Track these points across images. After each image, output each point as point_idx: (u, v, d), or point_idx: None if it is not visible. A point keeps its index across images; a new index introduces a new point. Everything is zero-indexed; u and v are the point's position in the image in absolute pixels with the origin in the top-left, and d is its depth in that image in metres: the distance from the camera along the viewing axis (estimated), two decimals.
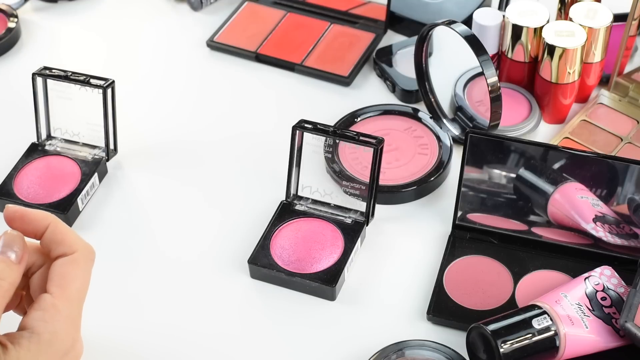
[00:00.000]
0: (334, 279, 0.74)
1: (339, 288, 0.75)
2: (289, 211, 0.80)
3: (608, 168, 0.74)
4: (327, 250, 0.76)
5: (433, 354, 0.68)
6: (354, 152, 0.86)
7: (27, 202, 0.81)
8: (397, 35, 1.03)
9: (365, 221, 0.78)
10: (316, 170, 0.84)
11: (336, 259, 0.76)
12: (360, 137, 0.77)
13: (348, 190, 0.82)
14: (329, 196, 0.81)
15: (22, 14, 1.07)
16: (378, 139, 0.76)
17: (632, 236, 0.75)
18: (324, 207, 0.80)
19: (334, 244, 0.77)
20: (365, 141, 0.76)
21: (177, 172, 0.87)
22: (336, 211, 0.80)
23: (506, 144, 0.75)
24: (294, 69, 0.98)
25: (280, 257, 0.76)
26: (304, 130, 0.78)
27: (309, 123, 0.78)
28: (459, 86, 0.89)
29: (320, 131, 0.78)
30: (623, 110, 0.90)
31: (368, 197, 0.78)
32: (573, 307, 0.68)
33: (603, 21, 0.87)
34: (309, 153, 0.79)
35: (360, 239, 0.78)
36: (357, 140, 0.77)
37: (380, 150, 0.76)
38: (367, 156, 0.86)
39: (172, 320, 0.73)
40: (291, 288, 0.75)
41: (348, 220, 0.79)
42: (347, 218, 0.79)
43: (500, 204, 0.78)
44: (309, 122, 0.78)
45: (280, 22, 1.04)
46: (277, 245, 0.77)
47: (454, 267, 0.76)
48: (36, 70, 0.84)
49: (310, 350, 0.71)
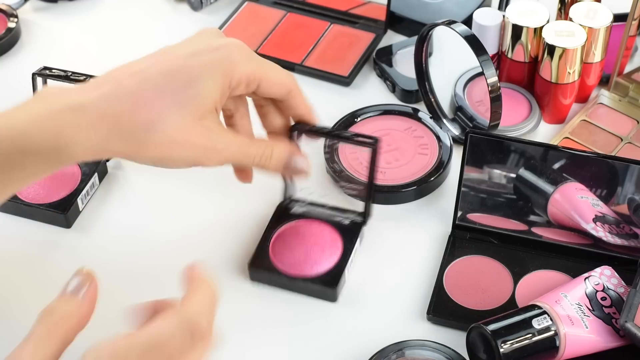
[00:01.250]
0: (335, 281, 0.74)
1: (340, 289, 0.75)
2: (286, 214, 0.80)
3: (608, 168, 0.74)
4: (327, 252, 0.76)
5: (433, 354, 0.68)
6: (354, 152, 0.86)
7: (27, 202, 0.81)
8: (397, 35, 1.03)
9: (363, 221, 0.78)
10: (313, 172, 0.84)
11: (336, 260, 0.75)
12: (356, 137, 0.76)
13: (345, 190, 0.81)
14: (326, 197, 0.81)
15: (22, 14, 1.07)
16: (374, 138, 0.75)
17: (632, 236, 0.75)
18: (321, 208, 0.80)
19: (334, 246, 0.77)
20: (361, 141, 0.76)
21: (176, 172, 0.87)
22: (333, 212, 0.79)
23: (506, 144, 0.75)
24: (294, 69, 0.98)
25: (280, 260, 0.76)
26: (301, 131, 0.77)
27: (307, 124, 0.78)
28: (459, 86, 0.89)
29: (317, 132, 0.77)
30: (623, 110, 0.90)
31: (366, 197, 0.78)
32: (573, 307, 0.68)
33: (603, 21, 0.87)
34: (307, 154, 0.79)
35: (359, 239, 0.78)
36: (353, 140, 0.76)
37: (377, 150, 0.75)
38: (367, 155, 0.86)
39: None
40: (291, 290, 0.75)
41: (346, 221, 0.78)
42: (345, 219, 0.79)
43: (500, 204, 0.78)
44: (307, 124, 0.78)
45: (280, 22, 1.04)
46: (276, 248, 0.77)
47: (454, 267, 0.76)
48: (36, 70, 0.84)
49: (311, 350, 0.71)
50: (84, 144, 0.59)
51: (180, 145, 0.62)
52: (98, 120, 0.59)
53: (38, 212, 0.81)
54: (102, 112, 0.59)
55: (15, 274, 0.78)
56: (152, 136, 0.60)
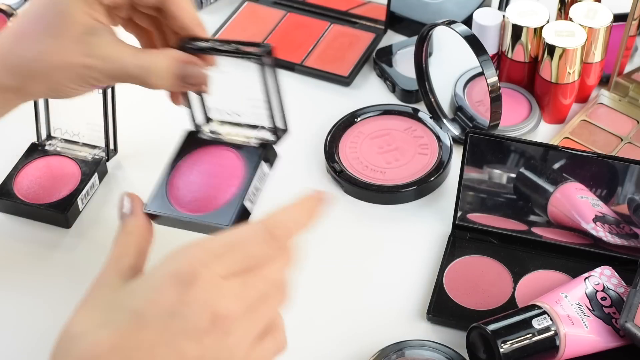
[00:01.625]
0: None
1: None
2: (194, 141, 0.70)
3: (608, 168, 0.74)
4: (225, 184, 0.66)
5: (433, 354, 0.68)
6: (355, 152, 0.86)
7: (27, 202, 0.81)
8: (397, 35, 1.03)
9: (274, 140, 0.68)
10: (227, 90, 0.72)
11: (234, 192, 0.65)
12: (240, 48, 0.65)
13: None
14: (243, 116, 0.70)
15: None
16: (265, 46, 0.64)
17: (632, 236, 0.75)
18: (236, 128, 0.70)
19: (233, 175, 0.67)
20: (246, 52, 0.64)
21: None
22: (250, 131, 0.69)
23: (506, 144, 0.75)
24: (294, 69, 0.98)
25: (174, 196, 0.67)
26: (185, 49, 0.66)
27: (195, 38, 0.67)
28: (459, 86, 0.89)
29: (201, 50, 0.67)
30: (623, 110, 0.90)
31: (269, 114, 0.67)
32: (573, 307, 0.68)
33: (603, 21, 0.87)
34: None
35: (263, 162, 0.67)
36: (238, 53, 0.65)
37: (268, 62, 0.64)
38: (368, 155, 0.86)
39: None
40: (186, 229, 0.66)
41: (253, 142, 0.68)
42: (254, 140, 0.68)
43: (500, 203, 0.78)
44: (195, 40, 0.67)
45: (280, 22, 1.04)
46: (174, 182, 0.68)
47: (454, 267, 0.76)
48: None
49: (311, 350, 0.71)
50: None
51: (60, 68, 0.63)
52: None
53: (38, 212, 0.81)
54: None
55: (15, 274, 0.78)
56: (35, 66, 0.63)
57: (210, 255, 0.50)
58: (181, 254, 0.50)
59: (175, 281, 0.48)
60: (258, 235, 0.51)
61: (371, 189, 0.83)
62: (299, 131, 0.90)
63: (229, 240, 0.51)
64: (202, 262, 0.49)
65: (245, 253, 0.51)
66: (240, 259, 0.50)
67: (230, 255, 0.50)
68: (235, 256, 0.50)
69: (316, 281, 0.76)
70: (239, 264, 0.50)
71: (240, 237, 0.51)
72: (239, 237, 0.51)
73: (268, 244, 0.51)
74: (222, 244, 0.51)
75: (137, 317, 0.48)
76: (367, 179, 0.83)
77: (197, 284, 0.48)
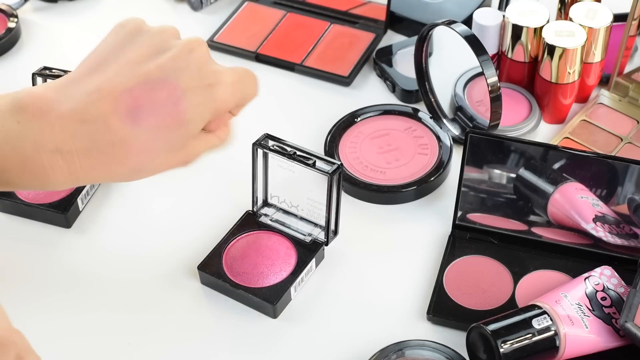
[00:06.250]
0: (276, 297, 0.72)
1: (282, 307, 0.73)
2: (252, 222, 0.78)
3: (608, 168, 0.74)
4: (277, 267, 0.75)
5: (433, 354, 0.68)
6: (355, 152, 0.86)
7: (27, 202, 0.81)
8: (397, 35, 1.03)
9: (325, 242, 0.76)
10: (287, 182, 0.79)
11: (284, 276, 0.74)
12: (316, 163, 0.72)
13: (313, 207, 0.77)
14: (295, 208, 0.78)
15: (22, 14, 1.07)
16: (336, 165, 0.72)
17: (632, 236, 0.75)
18: (290, 217, 0.78)
19: (285, 262, 0.75)
20: (320, 169, 0.72)
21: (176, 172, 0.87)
22: (300, 226, 0.78)
23: (506, 144, 0.75)
24: (294, 69, 0.98)
25: (230, 267, 0.75)
26: (262, 148, 0.75)
27: (272, 139, 0.75)
28: (459, 86, 0.89)
29: (277, 152, 0.74)
30: (623, 110, 0.90)
31: (326, 220, 0.75)
32: (573, 307, 0.68)
33: (603, 21, 0.87)
34: (275, 167, 0.76)
35: (314, 259, 0.76)
36: (312, 166, 0.72)
37: (336, 178, 0.72)
38: (367, 155, 0.86)
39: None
40: (236, 300, 0.74)
41: (307, 239, 0.76)
42: (308, 236, 0.77)
43: (500, 204, 0.78)
44: (273, 138, 0.75)
45: (280, 22, 1.04)
46: (230, 255, 0.76)
47: (454, 267, 0.76)
48: (36, 70, 0.84)
49: (311, 350, 0.71)
50: (65, 185, 0.58)
51: (156, 171, 0.62)
52: (89, 168, 0.57)
53: (38, 212, 0.81)
54: (92, 160, 0.57)
55: (15, 274, 0.78)
56: (137, 175, 0.61)
57: None
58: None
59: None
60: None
61: (371, 189, 0.83)
62: (299, 131, 0.90)
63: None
64: None
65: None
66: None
67: None
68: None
69: (316, 281, 0.76)
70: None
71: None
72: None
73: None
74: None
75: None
76: (367, 179, 0.83)
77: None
